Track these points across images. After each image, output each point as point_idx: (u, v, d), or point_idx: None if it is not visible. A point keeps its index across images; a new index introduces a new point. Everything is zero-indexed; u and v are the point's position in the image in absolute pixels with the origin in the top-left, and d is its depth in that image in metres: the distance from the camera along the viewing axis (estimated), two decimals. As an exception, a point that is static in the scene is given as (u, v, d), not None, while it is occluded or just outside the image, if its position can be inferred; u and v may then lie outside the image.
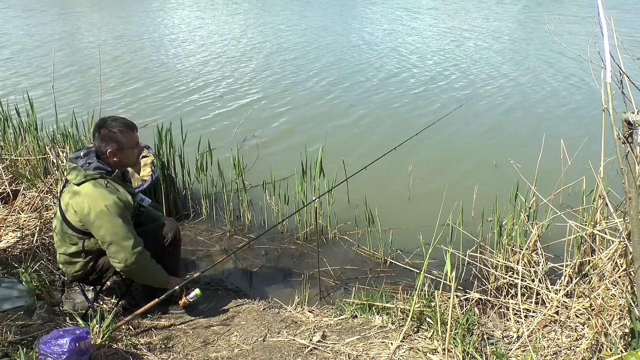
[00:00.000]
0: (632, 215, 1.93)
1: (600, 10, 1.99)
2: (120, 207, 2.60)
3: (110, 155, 2.67)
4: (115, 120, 2.69)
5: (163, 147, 4.27)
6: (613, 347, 2.18)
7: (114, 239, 2.59)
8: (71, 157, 2.71)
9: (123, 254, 2.61)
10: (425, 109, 7.05)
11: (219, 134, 6.14)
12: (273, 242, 4.04)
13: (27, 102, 4.70)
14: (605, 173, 2.93)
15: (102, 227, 2.57)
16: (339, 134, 6.18)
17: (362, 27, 13.94)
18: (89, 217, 2.57)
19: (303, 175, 3.98)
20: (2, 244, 3.49)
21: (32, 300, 2.82)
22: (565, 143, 3.58)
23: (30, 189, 4.08)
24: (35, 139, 4.47)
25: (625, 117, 2.00)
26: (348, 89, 8.13)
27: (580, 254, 2.98)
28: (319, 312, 3.03)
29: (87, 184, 2.59)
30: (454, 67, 9.29)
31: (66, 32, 13.87)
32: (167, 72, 9.33)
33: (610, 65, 2.00)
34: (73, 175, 2.62)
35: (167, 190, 4.26)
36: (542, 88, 7.94)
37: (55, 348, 2.11)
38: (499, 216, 3.32)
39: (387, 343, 2.54)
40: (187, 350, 2.56)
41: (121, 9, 18.56)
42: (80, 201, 2.58)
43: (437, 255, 3.44)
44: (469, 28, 13.39)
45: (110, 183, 2.64)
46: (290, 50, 11.09)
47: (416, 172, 4.78)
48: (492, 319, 2.84)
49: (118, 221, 2.58)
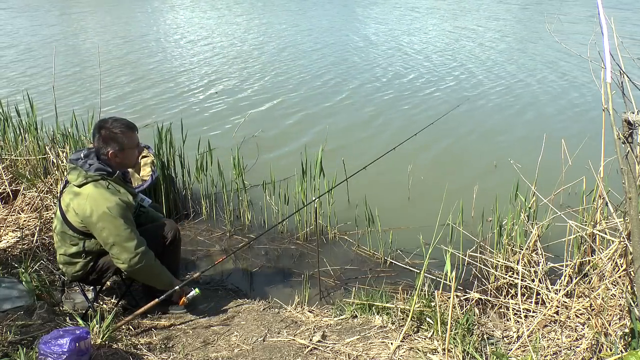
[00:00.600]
0: (632, 215, 1.93)
1: (600, 10, 1.99)
2: (123, 208, 2.60)
3: (112, 157, 2.67)
4: (117, 121, 2.68)
5: (163, 147, 4.27)
6: (613, 347, 2.18)
7: (117, 240, 2.59)
8: (71, 158, 2.70)
9: (126, 254, 2.61)
10: (425, 110, 7.05)
11: (219, 134, 6.15)
12: (273, 242, 4.04)
13: (27, 102, 4.70)
14: (605, 173, 2.93)
15: (105, 229, 2.57)
16: (339, 133, 6.18)
17: (365, 28, 13.95)
18: (91, 219, 2.57)
19: (303, 175, 3.98)
20: (2, 244, 3.49)
21: (32, 300, 2.82)
22: (565, 143, 3.58)
23: (30, 189, 4.08)
24: (35, 139, 4.47)
25: (625, 117, 2.00)
26: (348, 88, 8.13)
27: (580, 254, 2.98)
28: (319, 312, 3.03)
29: (89, 185, 2.59)
30: (454, 68, 9.29)
31: (67, 33, 13.88)
32: (167, 72, 9.34)
33: (611, 65, 2.00)
34: (74, 176, 2.61)
35: (167, 190, 4.26)
36: (543, 88, 7.94)
37: (55, 348, 2.11)
38: (499, 216, 3.32)
39: (387, 343, 2.54)
40: (187, 350, 2.56)
41: (122, 9, 18.57)
42: (81, 203, 2.58)
43: (437, 255, 3.44)
44: (469, 28, 13.40)
45: (111, 184, 2.64)
46: (290, 50, 11.09)
47: (416, 172, 4.78)
48: (492, 319, 2.84)
49: (120, 222, 2.58)
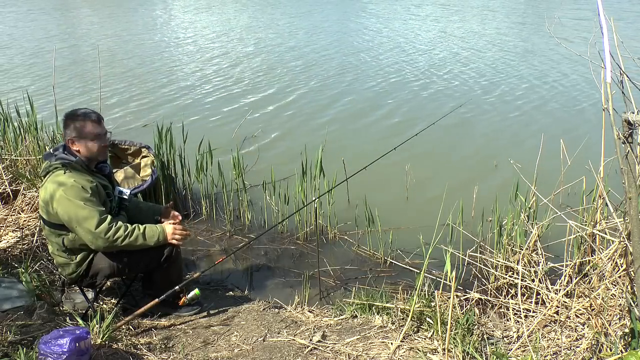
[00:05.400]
0: (632, 215, 1.93)
1: (600, 10, 1.99)
2: (78, 189, 2.56)
3: (70, 144, 2.67)
4: (80, 110, 2.72)
5: (163, 147, 4.27)
6: (613, 347, 2.18)
7: (77, 222, 2.56)
8: (44, 154, 2.77)
9: (90, 235, 2.57)
10: (426, 110, 7.04)
11: (219, 134, 6.14)
12: (273, 242, 4.04)
13: (27, 102, 4.70)
14: (605, 173, 2.93)
15: (65, 213, 2.56)
16: (339, 134, 6.18)
17: (366, 29, 13.94)
18: (52, 206, 2.58)
19: (303, 175, 3.98)
20: (2, 244, 3.49)
21: (32, 300, 2.82)
22: (565, 143, 3.58)
23: (30, 189, 4.08)
24: (35, 139, 4.47)
25: (625, 117, 2.00)
26: (349, 89, 8.13)
27: (580, 254, 2.98)
28: (319, 312, 3.03)
29: (49, 175, 2.64)
30: (454, 69, 9.30)
31: (67, 32, 13.87)
32: (167, 72, 9.34)
33: (611, 65, 2.00)
34: (42, 170, 2.70)
35: (167, 190, 4.26)
36: (543, 88, 7.94)
37: (55, 348, 2.11)
38: (499, 216, 3.32)
39: (387, 343, 2.54)
40: (187, 350, 2.56)
41: (122, 9, 18.56)
42: (43, 194, 2.62)
43: (437, 255, 3.44)
44: (470, 28, 13.40)
45: (71, 171, 2.62)
46: (291, 50, 11.09)
47: (416, 172, 4.78)
48: (492, 319, 2.84)
49: (78, 203, 2.54)
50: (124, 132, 6.16)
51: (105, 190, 2.72)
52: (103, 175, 2.80)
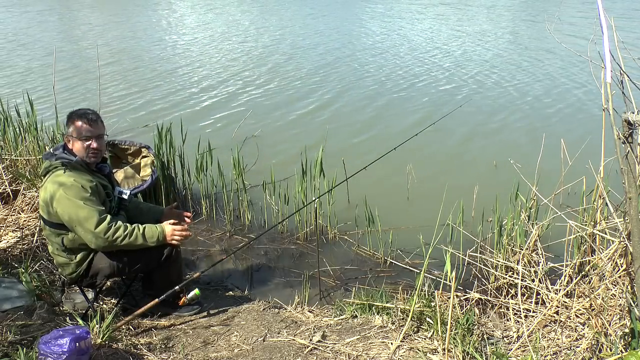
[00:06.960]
0: (632, 215, 1.93)
1: (600, 10, 1.99)
2: (78, 189, 2.56)
3: (67, 141, 2.70)
4: (81, 109, 2.74)
5: (163, 147, 4.27)
6: (613, 347, 2.18)
7: (77, 221, 2.56)
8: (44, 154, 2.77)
9: (89, 235, 2.58)
10: (426, 110, 7.04)
11: (219, 134, 6.14)
12: (273, 242, 4.04)
13: (27, 102, 4.70)
14: (605, 173, 2.93)
15: (65, 213, 2.56)
16: (339, 134, 6.18)
17: (366, 30, 13.94)
18: (52, 206, 2.58)
19: (303, 175, 3.98)
20: (2, 244, 3.49)
21: (32, 300, 2.82)
22: (565, 143, 3.58)
23: (30, 189, 4.08)
24: (35, 139, 4.47)
25: (625, 117, 2.00)
26: (349, 89, 8.13)
27: (580, 254, 2.98)
28: (319, 312, 3.03)
29: (49, 174, 2.65)
30: (455, 69, 9.29)
31: (67, 32, 13.88)
32: (167, 72, 9.33)
33: (611, 65, 2.00)
34: (42, 169, 2.71)
35: (167, 190, 4.26)
36: (543, 88, 7.93)
37: (55, 348, 2.11)
38: (499, 216, 3.32)
39: (387, 343, 2.54)
40: (187, 350, 2.56)
41: (123, 9, 18.57)
42: (43, 193, 2.63)
43: (437, 255, 3.44)
44: (470, 29, 13.40)
45: (69, 170, 2.62)
46: (291, 51, 11.09)
47: (416, 172, 4.78)
48: (492, 319, 2.84)
49: (78, 203, 2.55)
50: (124, 132, 6.16)
51: (105, 190, 2.73)
52: (103, 175, 2.81)
